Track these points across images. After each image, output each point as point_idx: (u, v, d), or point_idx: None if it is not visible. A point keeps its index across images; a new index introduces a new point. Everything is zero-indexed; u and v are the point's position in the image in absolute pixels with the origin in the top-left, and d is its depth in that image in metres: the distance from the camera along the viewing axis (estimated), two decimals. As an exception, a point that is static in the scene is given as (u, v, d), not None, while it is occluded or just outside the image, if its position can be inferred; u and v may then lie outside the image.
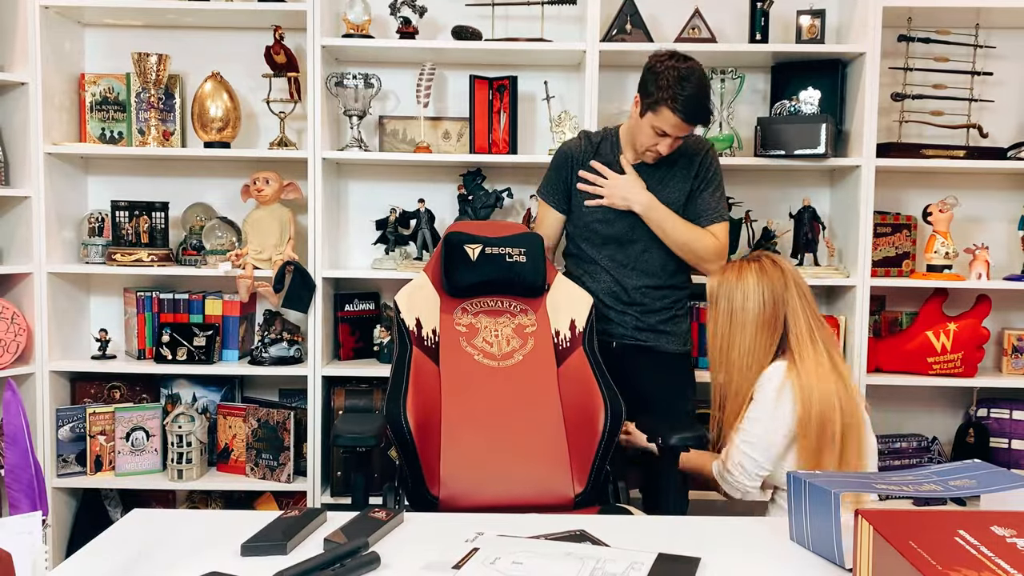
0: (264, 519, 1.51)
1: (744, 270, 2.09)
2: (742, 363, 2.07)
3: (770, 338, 2.06)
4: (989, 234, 3.02)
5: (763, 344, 2.05)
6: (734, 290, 2.08)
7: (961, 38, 2.91)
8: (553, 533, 1.48)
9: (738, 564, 1.38)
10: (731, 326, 2.08)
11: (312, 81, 2.78)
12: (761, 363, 2.05)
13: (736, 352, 2.07)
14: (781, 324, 2.06)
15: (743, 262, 2.12)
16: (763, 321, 2.05)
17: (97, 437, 2.86)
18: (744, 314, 2.06)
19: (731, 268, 2.12)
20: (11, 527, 1.14)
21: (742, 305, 2.06)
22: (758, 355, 2.06)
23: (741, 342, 2.07)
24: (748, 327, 2.06)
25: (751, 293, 2.06)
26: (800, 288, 2.07)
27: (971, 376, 2.84)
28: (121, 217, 2.88)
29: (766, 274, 2.07)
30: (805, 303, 2.06)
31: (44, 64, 2.78)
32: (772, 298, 2.05)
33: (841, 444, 1.94)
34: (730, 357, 2.08)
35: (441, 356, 2.24)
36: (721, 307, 2.10)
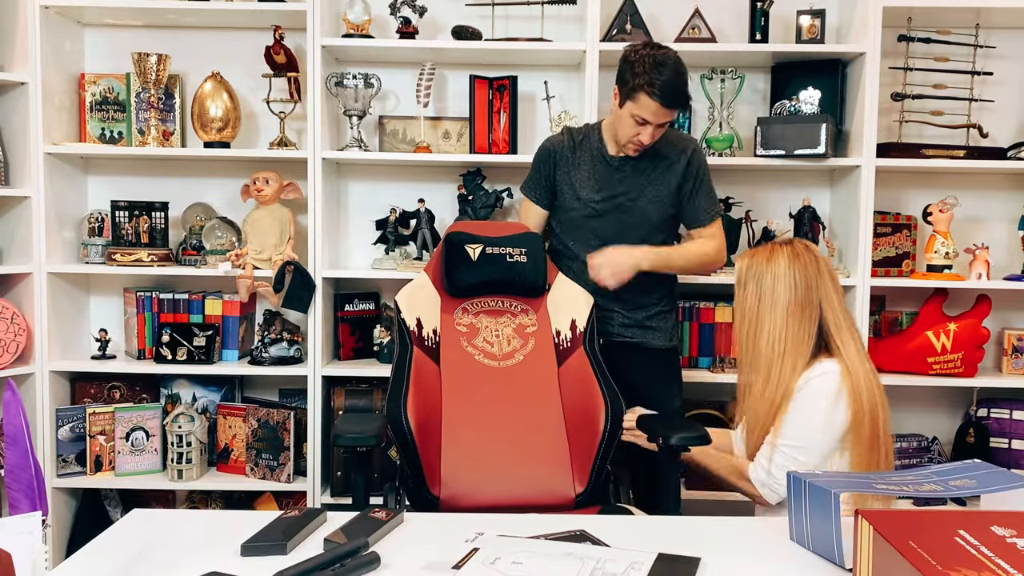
0: (264, 519, 1.51)
1: (775, 252, 1.95)
2: (771, 351, 1.91)
3: (803, 326, 1.90)
4: (989, 234, 3.02)
5: (795, 332, 1.90)
6: (763, 273, 1.94)
7: (961, 38, 2.91)
8: (553, 533, 1.48)
9: (738, 564, 1.38)
10: (759, 311, 1.93)
11: (312, 81, 2.78)
12: (794, 354, 1.90)
13: (765, 339, 1.91)
14: (815, 313, 1.91)
15: (774, 245, 1.99)
16: (795, 306, 1.90)
17: (97, 437, 2.86)
18: (774, 297, 1.91)
19: (761, 251, 1.99)
20: (11, 527, 1.14)
21: (772, 288, 1.91)
22: (789, 344, 1.90)
23: (771, 328, 1.91)
24: (778, 312, 1.90)
25: (782, 276, 1.91)
26: (833, 276, 1.94)
27: (971, 376, 2.84)
28: (121, 217, 2.88)
29: (799, 257, 1.93)
30: (838, 293, 1.94)
31: (44, 64, 2.78)
32: (805, 282, 1.91)
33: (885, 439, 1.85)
34: (758, 345, 1.93)
35: (442, 356, 2.24)
36: (749, 290, 1.95)
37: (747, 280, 1.96)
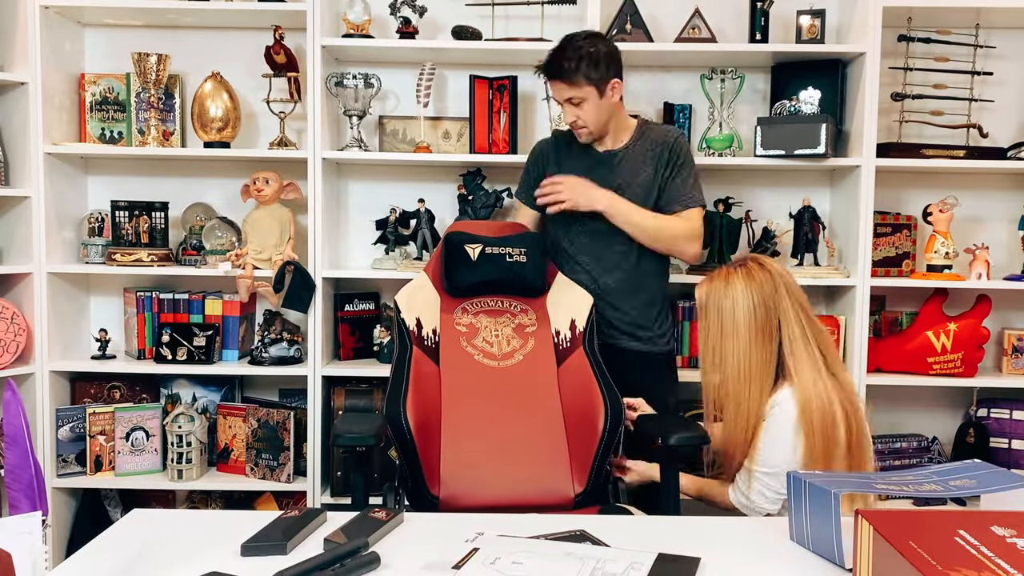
0: (264, 519, 1.51)
1: (731, 276, 2.00)
2: (738, 374, 1.95)
3: (766, 346, 1.95)
4: (989, 234, 3.02)
5: (759, 353, 1.95)
6: (722, 298, 1.98)
7: (961, 38, 2.91)
8: (553, 533, 1.48)
9: (738, 564, 1.38)
10: (723, 336, 1.97)
11: (312, 81, 2.78)
12: (760, 378, 1.94)
13: (732, 362, 1.96)
14: (776, 331, 1.95)
15: (729, 268, 2.03)
16: (756, 328, 1.94)
17: (97, 437, 2.86)
18: (735, 322, 1.95)
19: (718, 276, 2.03)
20: (11, 527, 1.14)
21: (732, 313, 1.96)
22: (755, 365, 1.94)
23: (735, 351, 1.95)
24: (741, 336, 1.95)
25: (740, 299, 1.95)
26: (790, 290, 1.98)
27: (971, 376, 2.84)
28: (121, 217, 2.88)
29: (753, 279, 1.97)
30: (797, 306, 1.97)
31: (44, 64, 2.78)
32: (763, 302, 1.95)
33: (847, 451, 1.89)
34: (725, 369, 1.97)
35: (441, 356, 2.24)
36: (711, 317, 1.99)
37: (708, 307, 2.00)
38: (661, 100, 3.00)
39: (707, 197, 2.92)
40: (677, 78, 3.02)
